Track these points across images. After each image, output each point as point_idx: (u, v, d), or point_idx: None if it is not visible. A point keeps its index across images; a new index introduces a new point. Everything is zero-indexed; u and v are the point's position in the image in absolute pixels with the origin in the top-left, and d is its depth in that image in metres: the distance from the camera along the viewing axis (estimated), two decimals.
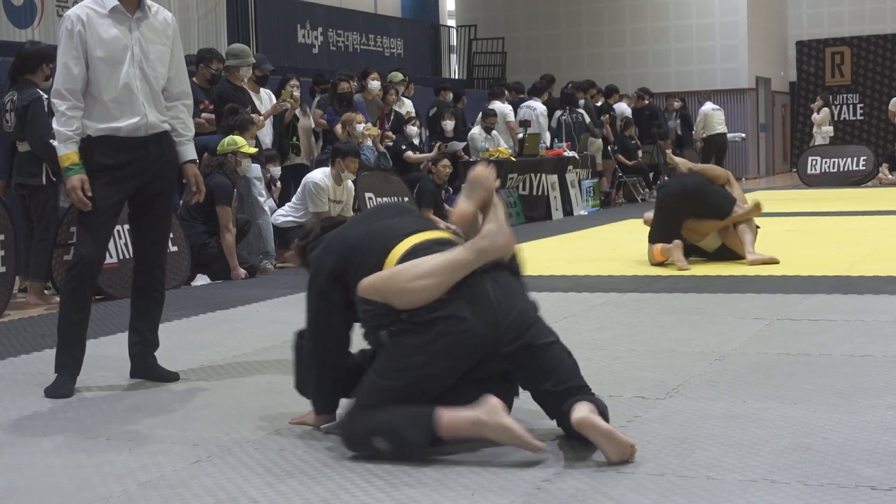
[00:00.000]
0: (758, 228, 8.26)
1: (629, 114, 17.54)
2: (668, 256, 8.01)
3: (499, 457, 3.27)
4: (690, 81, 22.93)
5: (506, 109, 14.66)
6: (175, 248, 7.97)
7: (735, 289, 6.81)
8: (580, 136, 15.48)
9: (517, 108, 14.98)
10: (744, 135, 21.84)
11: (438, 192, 11.77)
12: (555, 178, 14.39)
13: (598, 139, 16.03)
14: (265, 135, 9.90)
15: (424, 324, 3.25)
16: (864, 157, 19.49)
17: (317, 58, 18.05)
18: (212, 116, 9.26)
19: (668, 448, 3.33)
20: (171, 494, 3.08)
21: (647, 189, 17.08)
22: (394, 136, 12.10)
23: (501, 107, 14.64)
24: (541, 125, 14.96)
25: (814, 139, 20.92)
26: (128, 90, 4.49)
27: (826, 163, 19.66)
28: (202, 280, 8.31)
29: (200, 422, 3.93)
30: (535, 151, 14.29)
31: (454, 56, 23.98)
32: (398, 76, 13.24)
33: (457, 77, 23.11)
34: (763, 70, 24.23)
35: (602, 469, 3.15)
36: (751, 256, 7.96)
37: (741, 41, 23.02)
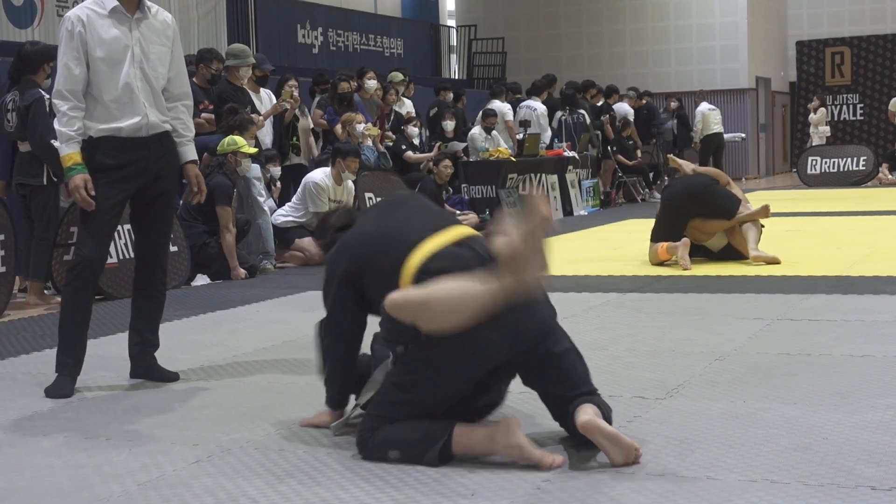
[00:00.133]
0: (762, 227, 8.26)
1: (631, 115, 17.51)
2: (673, 254, 8.01)
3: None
4: (690, 81, 22.91)
5: (504, 108, 14.65)
6: (175, 248, 7.96)
7: (735, 289, 6.81)
8: (580, 137, 15.47)
9: (515, 109, 14.98)
10: (744, 135, 21.81)
11: (439, 193, 11.77)
12: (555, 179, 14.40)
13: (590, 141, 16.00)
14: (265, 135, 9.90)
15: (445, 339, 3.23)
16: (864, 158, 19.47)
17: (317, 58, 18.04)
18: (212, 116, 9.26)
19: (668, 448, 3.33)
20: (171, 494, 3.09)
21: (647, 189, 17.08)
22: (394, 137, 12.10)
23: (500, 105, 14.64)
24: (541, 125, 14.95)
25: (810, 139, 20.90)
26: (128, 90, 4.50)
27: (826, 163, 19.65)
28: (202, 280, 8.31)
29: (200, 422, 3.93)
30: (535, 151, 14.28)
31: (454, 56, 23.98)
32: (398, 76, 13.23)
33: (457, 77, 23.10)
34: (763, 70, 24.22)
35: (602, 469, 3.15)
36: (754, 253, 7.96)
37: (741, 41, 23.02)
